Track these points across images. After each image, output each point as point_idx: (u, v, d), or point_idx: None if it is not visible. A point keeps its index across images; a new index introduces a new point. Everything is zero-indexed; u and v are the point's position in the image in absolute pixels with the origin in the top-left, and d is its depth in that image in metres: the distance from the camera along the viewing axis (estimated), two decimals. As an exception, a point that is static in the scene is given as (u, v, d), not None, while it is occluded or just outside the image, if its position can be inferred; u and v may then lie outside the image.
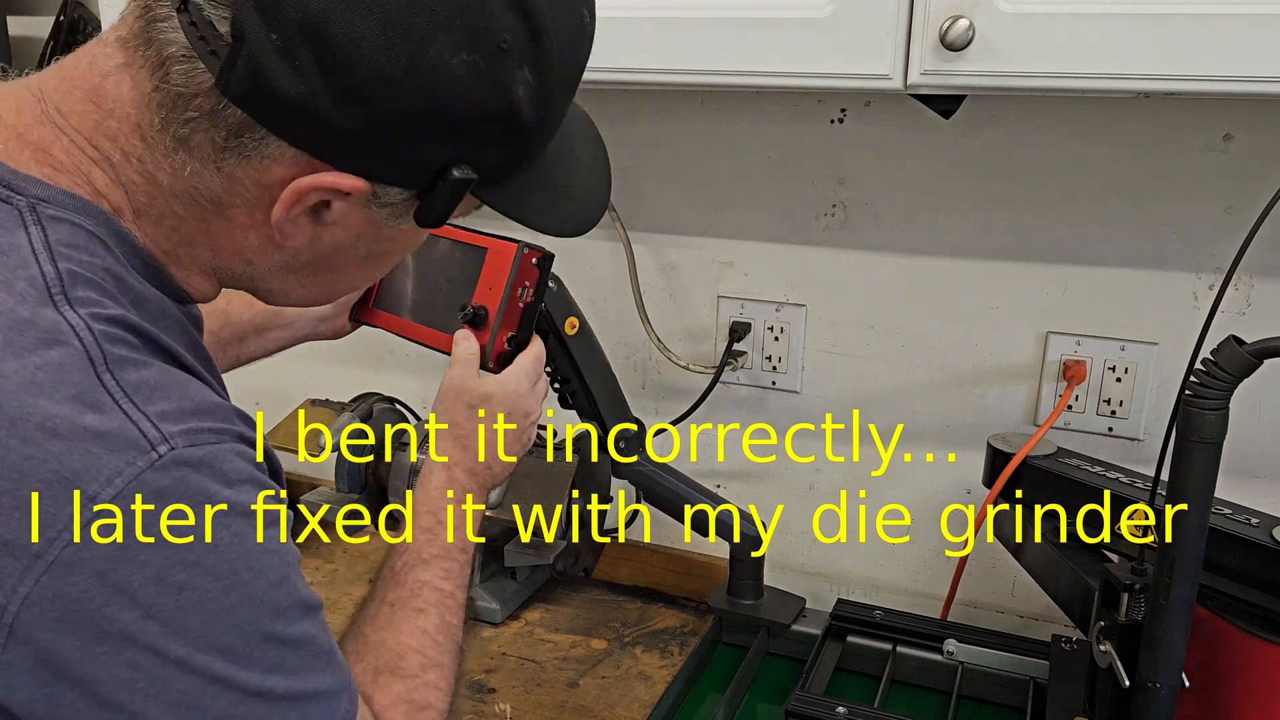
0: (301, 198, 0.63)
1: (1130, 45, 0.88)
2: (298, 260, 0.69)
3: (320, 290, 0.74)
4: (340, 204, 0.65)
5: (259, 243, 0.67)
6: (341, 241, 0.68)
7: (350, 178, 0.63)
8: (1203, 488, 0.82)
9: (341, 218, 0.66)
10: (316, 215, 0.65)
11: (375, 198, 0.65)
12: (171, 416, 0.59)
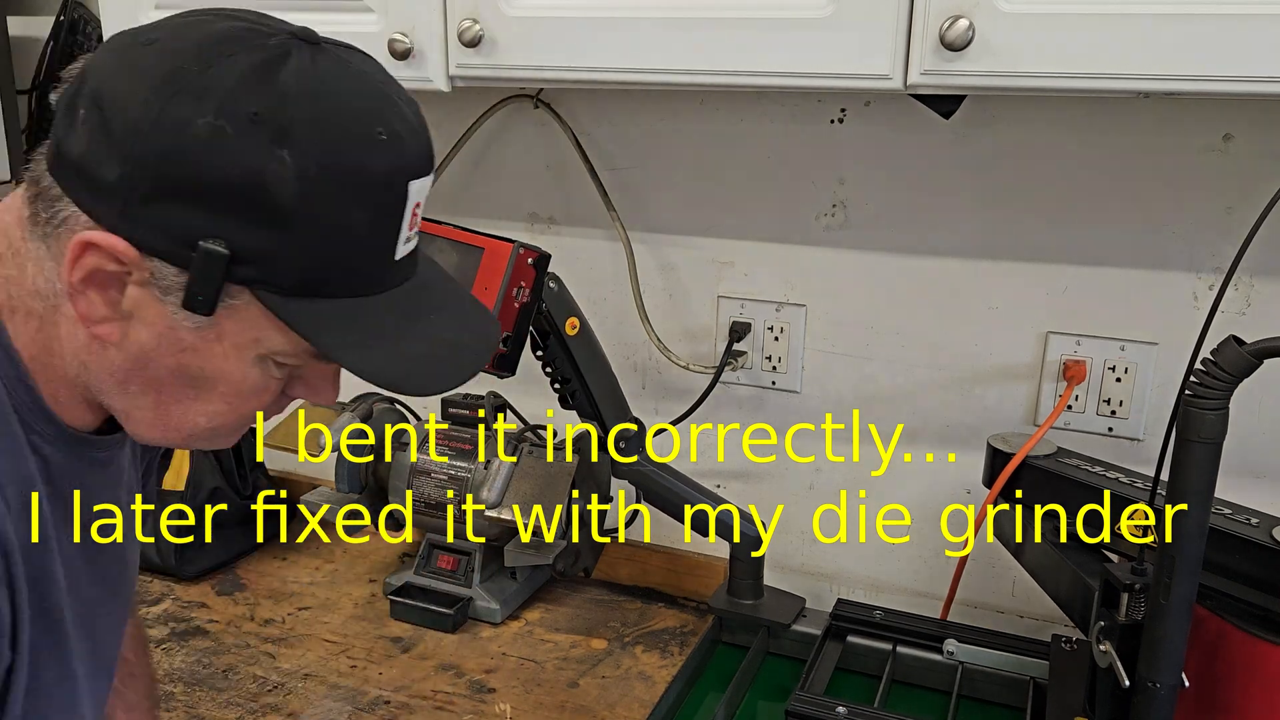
0: (77, 258, 0.63)
1: (1130, 45, 0.88)
2: (117, 367, 0.68)
3: (156, 416, 0.70)
4: (132, 289, 0.64)
5: (85, 340, 0.68)
6: (145, 343, 0.66)
7: (117, 239, 0.62)
8: (1203, 488, 0.82)
9: (136, 307, 0.65)
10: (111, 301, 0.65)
11: (153, 278, 0.63)
12: None
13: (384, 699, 1.21)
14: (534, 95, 1.40)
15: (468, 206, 1.49)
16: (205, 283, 0.63)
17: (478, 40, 1.09)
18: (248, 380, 0.69)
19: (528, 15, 1.07)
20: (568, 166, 1.42)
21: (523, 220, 1.48)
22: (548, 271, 1.12)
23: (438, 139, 1.56)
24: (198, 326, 0.65)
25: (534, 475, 1.34)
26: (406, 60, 1.12)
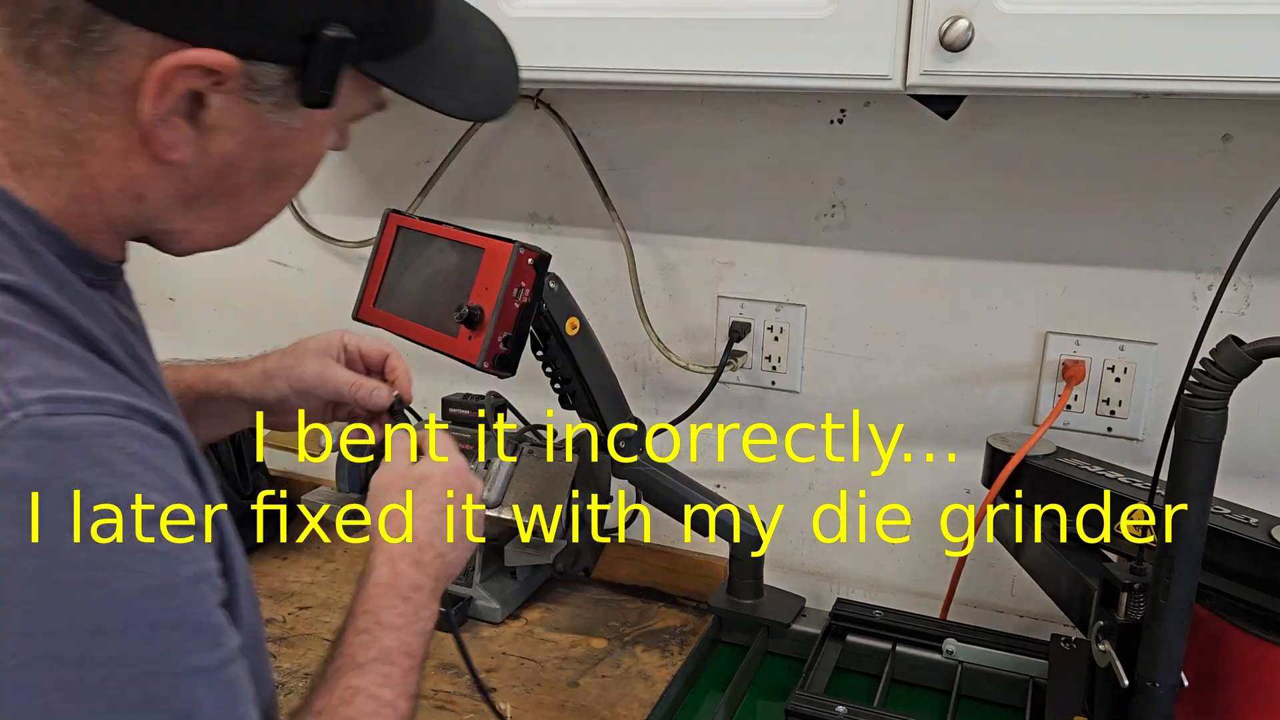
0: (167, 85, 0.56)
1: (1130, 45, 0.88)
2: (190, 185, 0.62)
3: (226, 223, 0.67)
4: (217, 99, 0.58)
5: (143, 169, 0.60)
6: (231, 151, 0.61)
7: (215, 53, 0.56)
8: (1202, 487, 0.83)
9: (222, 117, 0.59)
10: (194, 118, 0.59)
11: (251, 83, 0.59)
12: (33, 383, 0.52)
13: (384, 698, 1.21)
14: (534, 95, 1.40)
15: (468, 206, 1.49)
16: (327, 74, 0.60)
17: (478, 40, 1.09)
18: (320, 152, 0.68)
19: (528, 16, 1.07)
20: (568, 166, 1.42)
21: (523, 220, 1.48)
22: (548, 272, 1.11)
23: (438, 139, 1.57)
24: (288, 121, 0.62)
25: (534, 475, 1.34)
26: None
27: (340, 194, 1.58)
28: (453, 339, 1.03)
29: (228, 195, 0.65)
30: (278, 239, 1.63)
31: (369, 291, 1.13)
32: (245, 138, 0.61)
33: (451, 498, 0.85)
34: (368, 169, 1.56)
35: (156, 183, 0.62)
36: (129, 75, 0.57)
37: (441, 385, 1.44)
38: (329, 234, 1.59)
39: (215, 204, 0.65)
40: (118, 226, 0.64)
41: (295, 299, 1.66)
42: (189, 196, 0.63)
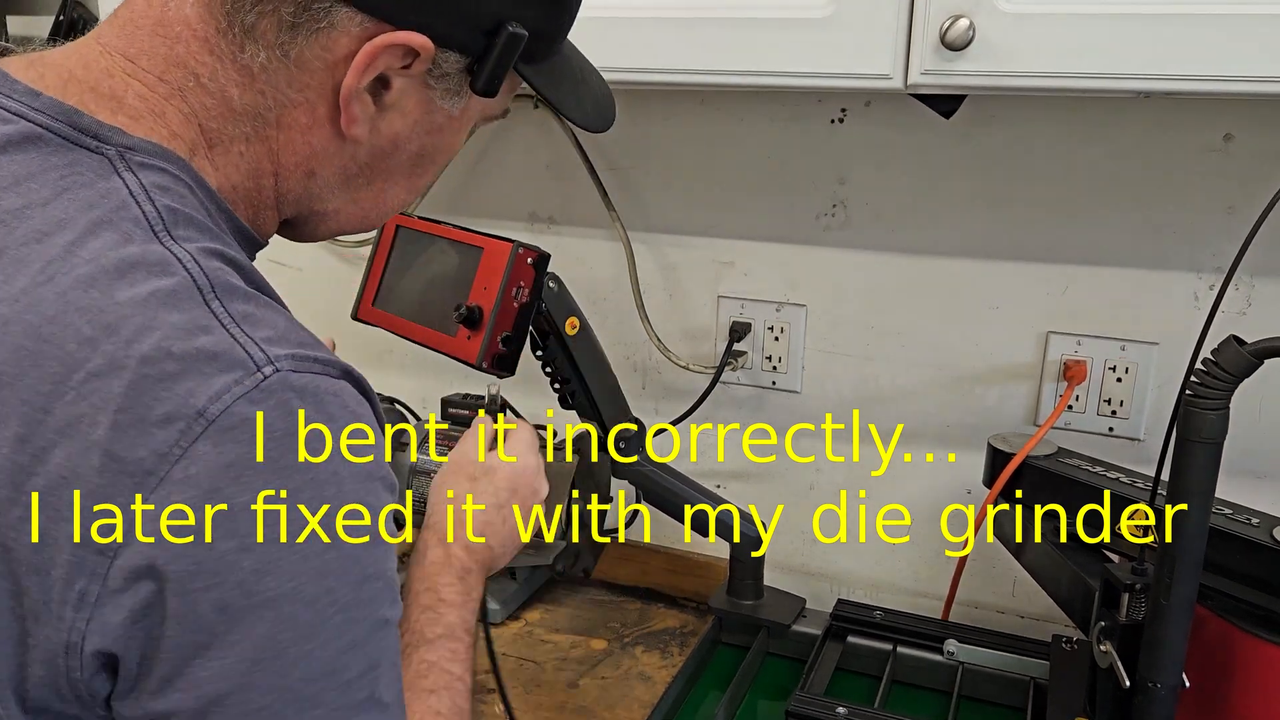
0: (372, 61, 0.63)
1: (1130, 45, 0.88)
2: (355, 163, 0.69)
3: (371, 205, 0.73)
4: (400, 80, 0.65)
5: (323, 144, 0.67)
6: (399, 132, 0.69)
7: (418, 35, 0.63)
8: (1203, 488, 0.82)
9: (400, 98, 0.66)
10: (377, 96, 0.66)
11: (434, 68, 0.66)
12: (277, 342, 0.58)
13: (384, 699, 1.20)
14: (534, 95, 1.39)
15: (468, 206, 1.49)
16: (501, 65, 0.67)
17: (478, 40, 1.08)
18: (458, 148, 0.75)
19: (528, 15, 1.07)
20: (568, 166, 1.42)
21: (523, 220, 1.48)
22: (547, 271, 1.11)
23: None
24: (451, 108, 0.69)
25: (534, 475, 1.34)
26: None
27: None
28: (451, 339, 1.03)
29: (383, 176, 0.71)
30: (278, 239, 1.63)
31: (368, 291, 1.13)
32: (414, 120, 0.69)
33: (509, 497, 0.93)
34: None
35: (330, 159, 0.68)
36: (337, 51, 0.63)
37: (442, 385, 1.44)
38: (329, 234, 1.58)
39: (370, 184, 0.71)
40: (283, 203, 0.70)
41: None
42: (351, 174, 0.70)
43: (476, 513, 0.91)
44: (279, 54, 0.63)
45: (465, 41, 0.66)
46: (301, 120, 0.66)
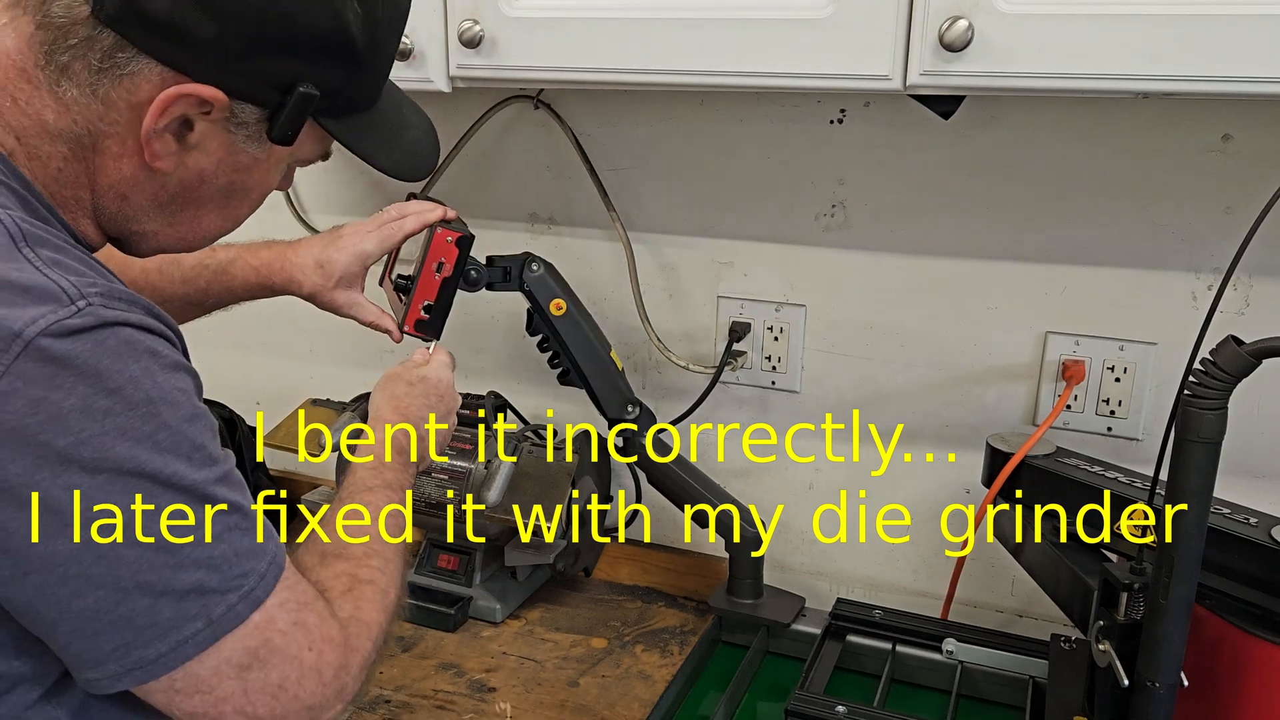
0: (168, 107, 0.70)
1: (1130, 45, 0.88)
2: (166, 192, 0.76)
3: (186, 228, 0.80)
4: (202, 124, 0.73)
5: (132, 173, 0.74)
6: (205, 168, 0.76)
7: (211, 89, 0.71)
8: (1202, 487, 0.83)
9: (203, 139, 0.74)
10: (181, 137, 0.73)
11: (232, 116, 0.74)
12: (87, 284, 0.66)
13: (385, 698, 1.21)
14: (534, 96, 1.40)
15: (468, 206, 1.49)
16: (294, 120, 0.76)
17: (478, 41, 1.09)
18: (272, 184, 0.83)
19: (528, 16, 1.07)
20: (568, 166, 1.42)
21: (523, 220, 1.48)
22: (534, 256, 1.23)
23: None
24: (254, 151, 0.77)
25: (534, 475, 1.34)
26: (407, 61, 1.12)
27: (341, 195, 1.58)
28: (398, 305, 1.17)
29: (194, 205, 0.79)
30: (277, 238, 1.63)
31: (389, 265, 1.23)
32: (218, 159, 0.76)
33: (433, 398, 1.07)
34: (368, 170, 1.55)
35: (140, 186, 0.76)
36: (139, 95, 0.71)
37: (441, 385, 1.44)
38: (329, 234, 1.59)
39: (182, 210, 0.79)
40: (101, 218, 0.77)
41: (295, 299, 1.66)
42: (163, 202, 0.77)
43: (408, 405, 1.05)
44: (89, 91, 0.71)
45: (260, 96, 0.74)
46: (114, 149, 0.73)
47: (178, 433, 0.67)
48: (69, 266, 0.67)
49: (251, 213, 0.84)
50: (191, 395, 0.70)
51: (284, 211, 1.60)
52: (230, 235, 0.87)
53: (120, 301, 0.67)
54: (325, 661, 0.73)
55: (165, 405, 0.67)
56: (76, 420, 0.63)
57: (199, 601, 0.67)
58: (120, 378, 0.65)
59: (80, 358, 0.63)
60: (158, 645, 0.67)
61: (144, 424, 0.65)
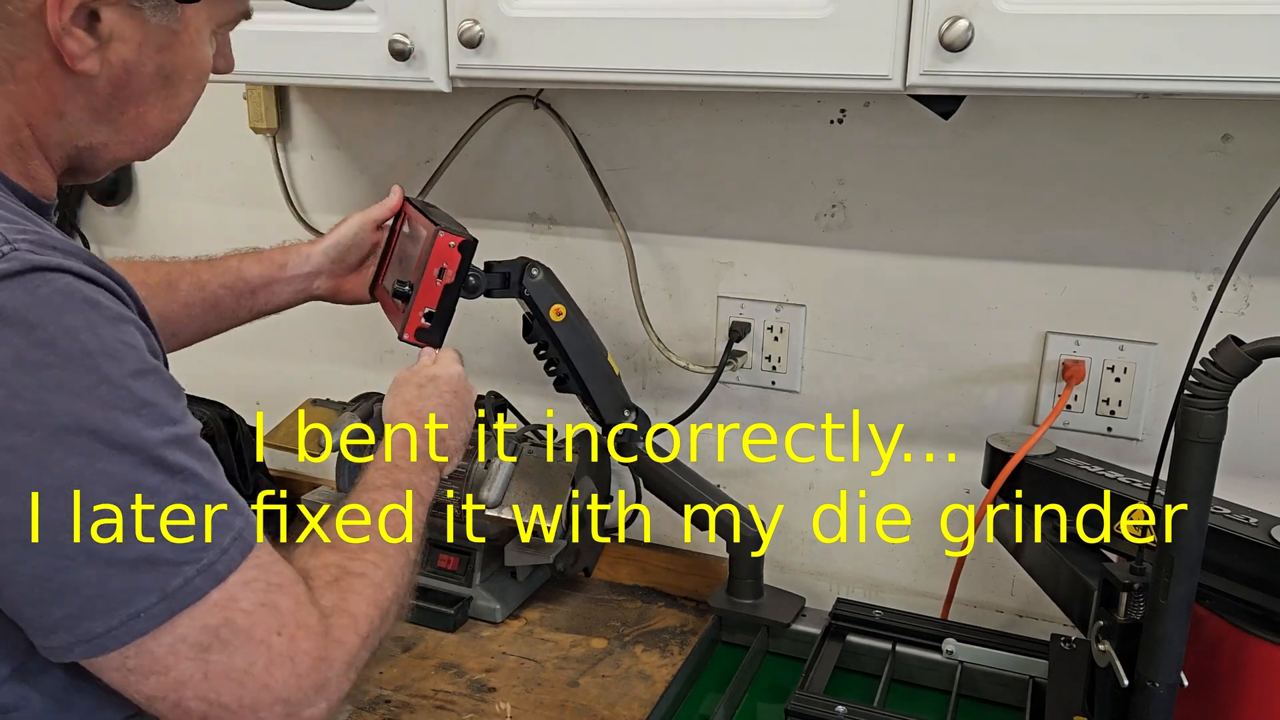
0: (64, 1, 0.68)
1: (1130, 45, 0.88)
2: (99, 96, 0.74)
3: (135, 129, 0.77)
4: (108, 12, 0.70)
5: (60, 86, 0.72)
6: (127, 58, 0.73)
7: None
8: (1202, 487, 0.83)
9: (115, 26, 0.71)
10: (93, 30, 0.71)
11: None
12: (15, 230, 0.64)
13: (385, 698, 1.21)
14: (534, 95, 1.40)
15: (468, 206, 1.49)
16: None
17: (478, 41, 1.09)
18: (205, 60, 0.79)
19: (528, 16, 1.07)
20: (568, 166, 1.42)
21: (523, 220, 1.48)
22: (534, 261, 1.20)
23: (438, 139, 1.58)
24: (169, 23, 0.74)
25: (534, 475, 1.34)
26: (407, 61, 1.12)
27: (341, 195, 1.58)
28: (396, 313, 1.14)
29: (132, 102, 0.75)
30: (278, 239, 1.63)
31: (380, 272, 1.22)
32: (137, 42, 0.73)
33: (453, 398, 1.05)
34: (368, 169, 1.56)
35: (72, 97, 0.73)
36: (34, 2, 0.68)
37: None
38: (329, 234, 1.59)
39: (123, 112, 0.76)
40: (47, 148, 0.75)
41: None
42: (99, 108, 0.74)
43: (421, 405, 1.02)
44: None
45: None
46: (32, 70, 0.71)
47: (121, 388, 0.63)
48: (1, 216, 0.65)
49: (196, 98, 0.80)
50: (140, 350, 0.66)
51: (284, 211, 1.60)
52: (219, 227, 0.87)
53: (54, 250, 0.64)
54: (299, 649, 0.68)
55: (107, 359, 0.63)
56: (10, 373, 0.60)
57: (151, 573, 0.63)
58: (54, 328, 0.61)
59: (9, 306, 0.61)
60: (107, 618, 0.63)
61: (83, 377, 0.62)
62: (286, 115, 1.58)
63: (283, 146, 1.59)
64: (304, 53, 1.19)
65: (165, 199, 1.72)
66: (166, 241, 1.73)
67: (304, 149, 1.58)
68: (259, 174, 1.61)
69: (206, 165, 1.66)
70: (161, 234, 1.74)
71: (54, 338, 0.61)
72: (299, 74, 1.23)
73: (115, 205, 1.75)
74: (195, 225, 1.70)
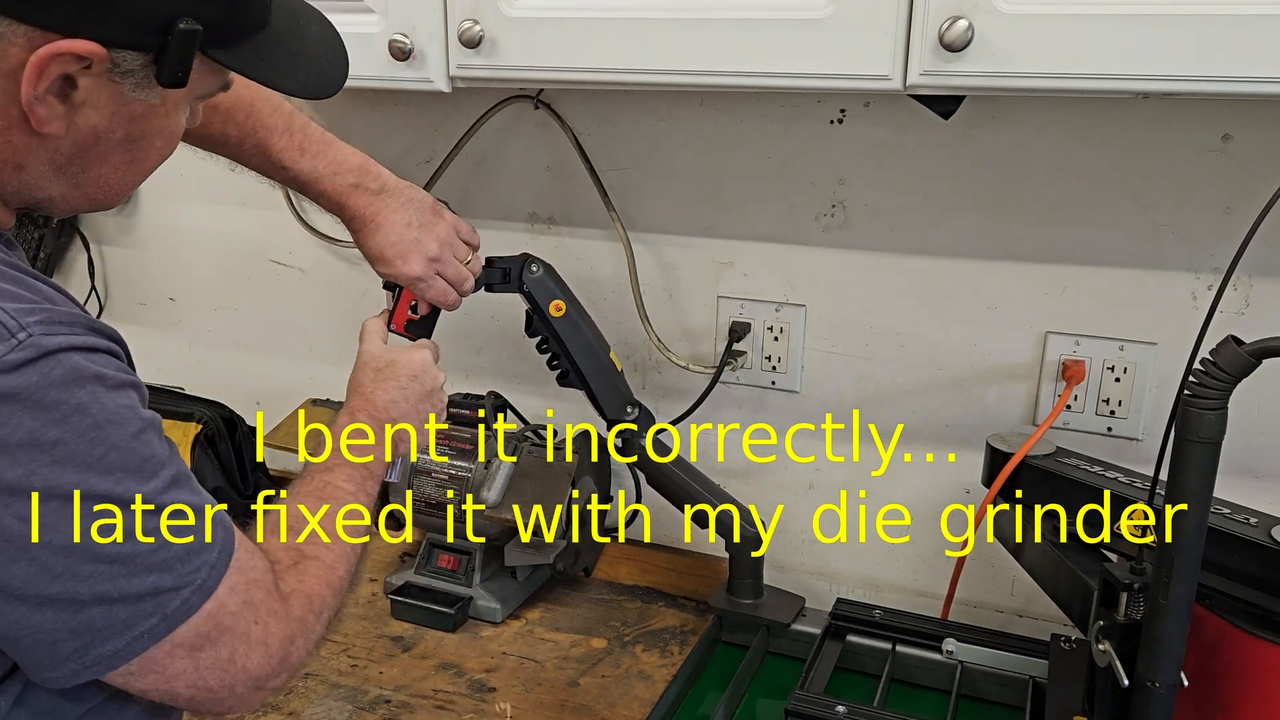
0: (44, 69, 0.66)
1: (1130, 45, 0.88)
2: (61, 155, 0.73)
3: (95, 188, 0.77)
4: (86, 80, 0.69)
5: (23, 142, 0.71)
6: (97, 124, 0.72)
7: (85, 42, 0.66)
8: (1202, 487, 0.83)
9: (90, 96, 0.70)
10: (65, 97, 0.69)
11: (115, 67, 0.69)
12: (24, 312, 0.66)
13: (385, 698, 1.21)
14: (534, 96, 1.40)
15: (468, 206, 1.49)
16: (181, 59, 0.70)
17: (478, 41, 1.09)
18: (178, 128, 0.79)
19: (528, 16, 1.07)
20: (568, 166, 1.42)
21: (523, 220, 1.48)
22: (534, 258, 1.21)
23: (438, 139, 1.58)
24: (148, 99, 0.72)
25: (534, 475, 1.34)
26: (407, 61, 1.12)
27: (340, 194, 1.58)
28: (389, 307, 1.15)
29: (96, 162, 0.75)
30: (278, 239, 1.64)
31: None
32: (110, 113, 0.72)
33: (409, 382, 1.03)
34: (368, 169, 1.55)
35: (34, 153, 0.72)
36: (9, 62, 0.67)
37: (442, 385, 1.44)
38: (329, 234, 1.59)
39: (85, 171, 0.75)
40: (5, 195, 0.74)
41: (295, 299, 1.66)
42: (61, 165, 0.74)
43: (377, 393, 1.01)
44: None
45: (139, 41, 0.69)
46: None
47: (127, 451, 0.68)
48: (4, 291, 0.67)
49: (163, 159, 0.80)
50: (137, 408, 0.71)
51: (284, 211, 1.60)
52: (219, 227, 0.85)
53: (61, 325, 0.67)
54: (271, 634, 0.76)
55: (113, 427, 0.67)
56: (25, 454, 0.64)
57: (153, 601, 0.69)
58: (67, 407, 0.65)
59: (25, 391, 0.64)
60: (114, 642, 0.68)
61: (93, 448, 0.66)
62: (286, 115, 1.58)
63: (283, 146, 1.59)
64: (304, 53, 1.18)
65: (165, 199, 1.72)
66: (166, 241, 1.74)
67: (304, 149, 1.58)
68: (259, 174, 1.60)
69: (206, 165, 1.65)
70: (161, 234, 1.74)
71: (66, 416, 0.65)
72: (299, 74, 1.22)
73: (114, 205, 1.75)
74: (195, 225, 1.70)
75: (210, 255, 1.70)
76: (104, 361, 0.69)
